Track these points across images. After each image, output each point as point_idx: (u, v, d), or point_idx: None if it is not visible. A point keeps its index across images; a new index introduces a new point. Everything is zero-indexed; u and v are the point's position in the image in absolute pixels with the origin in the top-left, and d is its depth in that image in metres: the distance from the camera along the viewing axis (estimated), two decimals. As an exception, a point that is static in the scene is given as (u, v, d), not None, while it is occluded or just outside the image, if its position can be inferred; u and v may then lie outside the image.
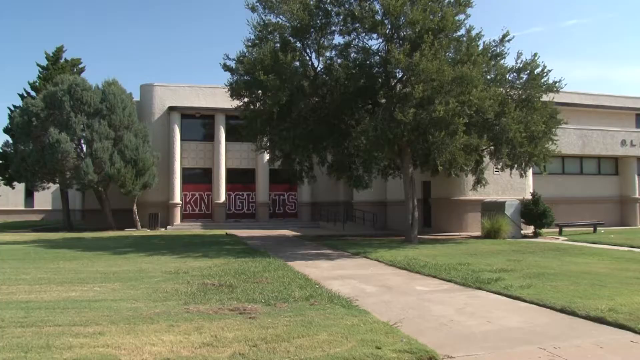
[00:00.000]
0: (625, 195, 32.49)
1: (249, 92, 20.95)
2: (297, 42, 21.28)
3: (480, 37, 20.94)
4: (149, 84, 35.98)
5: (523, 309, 8.41)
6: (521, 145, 20.16)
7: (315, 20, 20.79)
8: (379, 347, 6.01)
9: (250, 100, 21.62)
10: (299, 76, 19.94)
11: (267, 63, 19.23)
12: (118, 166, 29.53)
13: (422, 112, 18.04)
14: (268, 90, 19.32)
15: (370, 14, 19.64)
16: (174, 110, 35.19)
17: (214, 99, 35.32)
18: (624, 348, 6.31)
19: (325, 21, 21.07)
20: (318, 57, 21.93)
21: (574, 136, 30.35)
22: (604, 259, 14.84)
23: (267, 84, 18.81)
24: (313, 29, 20.90)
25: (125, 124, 31.36)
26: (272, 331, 6.70)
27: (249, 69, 19.86)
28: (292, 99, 20.11)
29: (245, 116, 22.46)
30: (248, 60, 20.04)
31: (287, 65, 19.29)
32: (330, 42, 21.98)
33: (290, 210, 38.79)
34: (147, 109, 35.53)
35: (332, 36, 21.80)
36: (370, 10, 19.80)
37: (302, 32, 20.67)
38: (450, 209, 27.00)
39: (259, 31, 21.14)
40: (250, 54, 20.66)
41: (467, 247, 19.00)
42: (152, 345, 6.13)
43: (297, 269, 13.01)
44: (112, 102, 30.99)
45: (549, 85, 21.70)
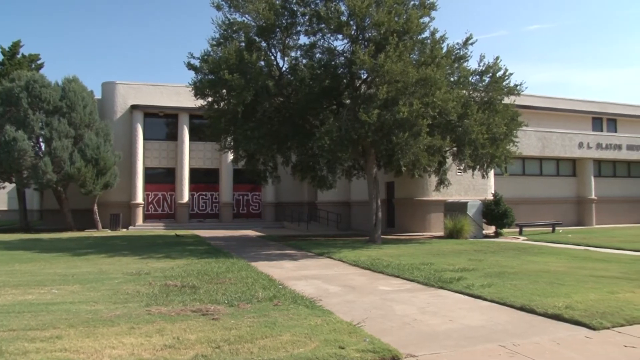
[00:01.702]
0: (583, 196, 33.32)
1: (213, 91, 20.78)
2: (262, 41, 21.20)
3: (444, 39, 21.20)
4: (111, 82, 35.37)
5: (484, 307, 8.53)
6: (483, 147, 20.45)
7: (280, 20, 20.75)
8: (342, 347, 6.01)
9: (214, 99, 21.46)
10: (264, 76, 19.85)
11: (232, 62, 19.11)
12: (78, 165, 28.95)
13: (386, 113, 18.16)
14: (233, 89, 19.19)
15: (335, 15, 19.67)
16: (136, 108, 34.70)
17: (178, 98, 34.93)
18: (579, 343, 6.46)
19: (290, 21, 21.04)
20: (283, 57, 21.92)
21: (534, 138, 30.95)
22: (562, 258, 15.16)
23: (231, 83, 18.69)
24: (279, 28, 20.85)
25: (86, 122, 30.77)
26: (235, 332, 6.65)
27: (213, 68, 19.71)
28: (256, 99, 20.02)
29: (210, 116, 22.29)
30: (213, 59, 19.90)
31: (252, 65, 19.21)
32: (295, 42, 22.01)
33: (254, 210, 38.64)
34: (109, 108, 34.93)
35: (297, 36, 21.83)
36: (336, 11, 19.84)
37: (267, 31, 20.60)
38: (414, 209, 27.24)
39: (224, 30, 21.00)
40: (215, 53, 20.52)
41: (430, 247, 19.19)
42: (112, 348, 6.01)
43: (261, 270, 12.95)
44: (73, 99, 30.35)
45: (510, 88, 22.06)
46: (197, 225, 34.61)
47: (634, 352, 6.12)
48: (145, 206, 35.16)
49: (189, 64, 20.91)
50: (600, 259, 15.00)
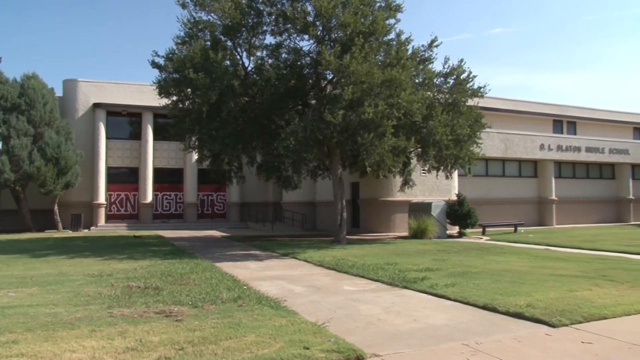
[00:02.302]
0: (544, 197, 34.02)
1: (178, 90, 20.58)
2: (228, 40, 21.07)
3: (409, 41, 21.38)
4: (73, 79, 34.69)
5: (448, 307, 8.62)
6: (447, 148, 20.67)
7: (246, 19, 20.65)
8: (307, 348, 6.01)
9: (179, 98, 21.25)
10: (229, 75, 19.72)
11: (197, 61, 18.95)
12: (38, 164, 28.32)
13: (352, 114, 18.22)
14: (198, 88, 19.03)
15: (302, 15, 19.67)
16: (99, 107, 34.10)
17: (142, 97, 34.45)
18: (539, 341, 6.59)
19: (257, 21, 20.96)
20: (249, 56, 21.81)
21: (497, 140, 31.46)
22: (524, 258, 15.42)
23: (196, 82, 18.53)
24: (244, 28, 20.74)
25: (47, 120, 30.14)
26: (199, 333, 6.59)
27: (178, 67, 19.51)
28: (222, 98, 19.89)
29: (174, 115, 22.06)
30: (177, 57, 19.69)
31: (217, 64, 19.08)
32: (261, 42, 21.93)
33: (219, 210, 38.39)
34: (70, 106, 34.24)
35: (263, 36, 21.76)
36: (302, 11, 19.84)
37: (233, 30, 20.48)
38: (379, 209, 27.40)
39: (190, 28, 20.80)
40: (180, 51, 20.32)
41: (394, 247, 19.32)
42: (72, 352, 5.88)
43: (225, 270, 12.87)
44: (32, 96, 29.69)
45: (474, 90, 22.36)
46: (161, 225, 34.22)
47: (590, 347, 6.27)
48: (107, 206, 34.59)
49: (153, 62, 20.66)
50: (560, 258, 15.31)
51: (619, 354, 6.05)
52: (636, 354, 6.07)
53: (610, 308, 8.11)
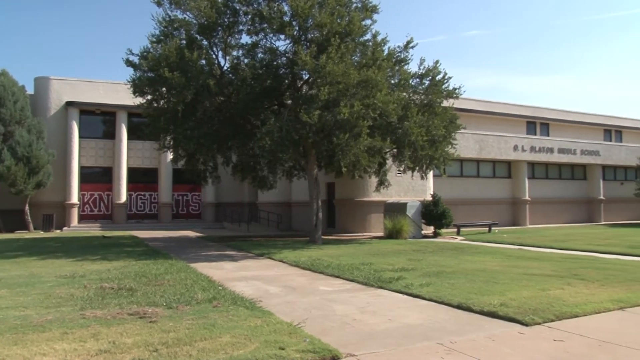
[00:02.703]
0: (517, 197, 34.44)
1: (152, 89, 20.38)
2: (203, 39, 20.94)
3: (385, 42, 21.47)
4: (45, 77, 34.08)
5: (423, 306, 8.67)
6: (422, 149, 20.79)
7: (222, 18, 20.55)
8: (282, 348, 6.00)
9: (154, 97, 21.05)
10: (205, 75, 19.60)
11: (173, 60, 18.79)
12: (8, 164, 27.84)
13: (328, 114, 18.23)
14: (173, 88, 18.88)
15: (278, 15, 19.64)
16: (72, 105, 33.62)
17: (116, 96, 34.01)
18: (513, 339, 6.68)
19: (233, 20, 20.87)
20: (225, 56, 21.71)
21: (471, 141, 31.75)
22: (497, 257, 15.60)
23: (172, 81, 18.38)
24: (220, 27, 20.64)
25: (17, 118, 29.64)
26: (173, 335, 6.53)
27: (153, 66, 19.33)
28: (197, 98, 19.75)
29: (149, 114, 21.84)
30: (152, 56, 19.50)
31: (192, 63, 18.94)
32: (237, 42, 21.84)
33: (194, 211, 38.15)
34: (42, 104, 33.65)
35: (239, 35, 21.67)
36: (279, 11, 19.80)
37: (209, 29, 20.36)
38: (354, 209, 27.47)
39: (165, 27, 20.62)
40: (155, 50, 20.12)
41: (369, 247, 19.38)
42: (42, 355, 5.78)
43: (200, 271, 12.79)
44: (2, 94, 29.18)
45: (449, 91, 22.53)
46: (135, 225, 33.88)
47: (562, 345, 6.37)
48: (80, 206, 34.12)
49: (127, 61, 20.41)
50: (533, 257, 15.51)
51: (589, 351, 6.15)
52: (606, 350, 6.18)
53: (581, 306, 8.24)
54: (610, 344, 6.41)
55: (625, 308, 8.36)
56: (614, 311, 8.19)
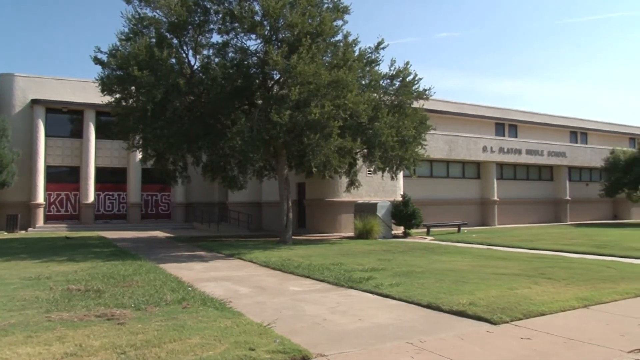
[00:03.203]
0: (486, 198, 34.88)
1: (121, 87, 20.12)
2: (174, 38, 20.75)
3: (356, 43, 21.55)
4: (9, 73, 33.36)
5: (393, 306, 8.72)
6: (393, 149, 20.92)
7: (193, 17, 20.38)
8: (252, 349, 5.97)
9: (122, 96, 20.77)
10: (174, 74, 19.43)
11: (142, 58, 18.59)
12: (-30, 162, 27.18)
13: (298, 115, 18.23)
14: (142, 86, 18.68)
15: (249, 15, 19.56)
16: (37, 103, 32.97)
17: (84, 94, 33.44)
18: (481, 338, 6.75)
19: (203, 19, 20.72)
20: (195, 55, 21.55)
21: (441, 142, 32.05)
22: (467, 257, 15.76)
23: (141, 80, 18.19)
24: (191, 26, 20.48)
25: (-21, 116, 28.94)
26: (142, 337, 6.45)
27: (122, 64, 19.09)
28: (167, 97, 19.56)
29: (117, 113, 21.55)
30: (121, 54, 19.25)
31: (162, 62, 18.77)
32: (208, 41, 21.68)
33: (164, 211, 37.78)
34: (6, 101, 32.93)
35: (210, 34, 21.52)
36: (250, 10, 19.73)
37: (179, 28, 20.18)
38: (325, 210, 27.50)
39: (134, 25, 20.37)
40: (124, 48, 19.85)
41: (340, 247, 19.42)
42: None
43: (170, 272, 12.67)
44: (-35, 92, 28.46)
45: (419, 92, 22.71)
46: (103, 226, 33.41)
47: (529, 343, 6.46)
48: (46, 206, 33.49)
49: (95, 58, 20.08)
50: (501, 257, 15.70)
51: (555, 349, 6.25)
52: (571, 347, 6.29)
53: (547, 305, 8.37)
54: (575, 341, 6.53)
55: (589, 306, 8.53)
56: (579, 309, 8.34)
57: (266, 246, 19.79)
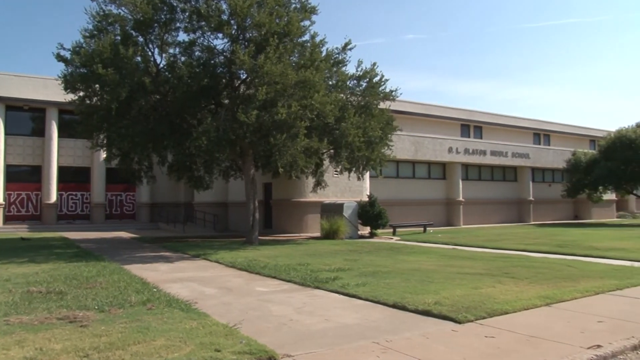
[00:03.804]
0: (451, 198, 35.26)
1: (85, 85, 19.74)
2: (139, 36, 20.47)
3: (323, 43, 21.56)
4: (-33, 70, 32.48)
5: (359, 306, 8.75)
6: (359, 150, 21.01)
7: (159, 14, 20.13)
8: (218, 350, 5.93)
9: (86, 94, 20.37)
10: (140, 72, 19.18)
11: (107, 56, 18.29)
12: None
13: (265, 115, 18.18)
14: (106, 84, 18.39)
15: (216, 13, 19.42)
16: (-3, 100, 32.16)
17: (46, 91, 32.73)
18: (446, 336, 6.83)
19: (170, 17, 20.48)
20: (161, 53, 21.29)
21: (407, 142, 32.29)
22: (432, 257, 15.90)
23: (105, 78, 17.90)
24: (157, 23, 20.23)
25: (-63, 114, 28.08)
26: (105, 339, 6.34)
27: (86, 61, 18.74)
28: (132, 95, 19.30)
29: (81, 111, 21.17)
30: (85, 51, 18.90)
31: (127, 60, 18.51)
32: (174, 39, 21.45)
33: (128, 211, 37.27)
34: (-36, 99, 32.04)
35: (176, 33, 21.27)
36: (217, 9, 19.59)
37: (145, 26, 19.91)
38: (291, 210, 27.47)
39: (98, 21, 20.03)
40: (88, 45, 19.50)
41: (306, 247, 19.42)
42: (-40, 365, 5.50)
43: (134, 273, 12.50)
44: None
45: (386, 93, 22.85)
46: (66, 226, 32.78)
47: (493, 341, 6.56)
48: (6, 207, 32.70)
49: (58, 55, 19.67)
50: (466, 257, 15.90)
51: (518, 346, 6.36)
52: (533, 345, 6.41)
53: (511, 303, 8.51)
54: (537, 338, 6.65)
55: (551, 304, 8.69)
56: (541, 307, 8.50)
57: (232, 247, 19.68)
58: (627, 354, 6.32)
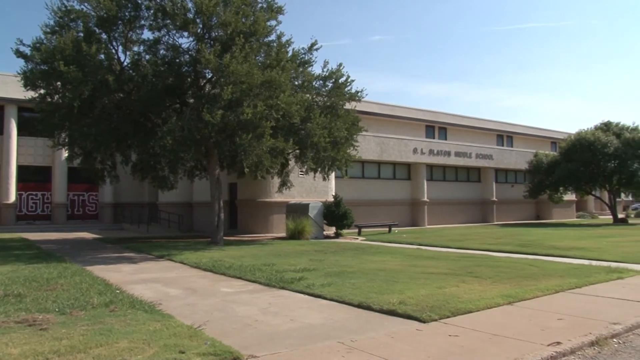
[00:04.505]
0: (416, 198, 35.58)
1: (46, 83, 19.30)
2: (102, 33, 20.11)
3: (290, 43, 21.55)
4: None
5: (324, 306, 8.76)
6: (325, 150, 21.04)
7: (123, 11, 19.83)
8: (182, 352, 5.87)
9: (47, 92, 19.93)
10: (103, 70, 18.86)
11: (69, 53, 17.92)
12: None
13: (231, 114, 18.07)
14: (69, 82, 18.04)
15: (182, 12, 19.22)
16: (-48, 97, 31.23)
17: (5, 88, 31.87)
18: (411, 336, 6.89)
19: (134, 14, 20.19)
20: (125, 51, 20.97)
21: (373, 143, 32.47)
22: (397, 257, 16.01)
23: (67, 75, 17.54)
24: (121, 21, 19.92)
25: None
26: (66, 342, 6.20)
27: (47, 58, 18.34)
28: (95, 94, 18.98)
29: (42, 109, 20.67)
30: (46, 48, 18.50)
31: (90, 57, 18.17)
32: (139, 37, 21.18)
33: (91, 211, 36.64)
34: None
35: (141, 30, 21.00)
36: (183, 7, 19.38)
37: (108, 23, 19.57)
38: (257, 210, 27.37)
39: (60, 17, 19.63)
40: (50, 41, 19.09)
41: (272, 248, 19.37)
42: None
43: (97, 274, 12.29)
44: None
45: (351, 94, 22.93)
46: (26, 227, 31.99)
47: (457, 340, 6.64)
48: (-37, 206, 31.84)
49: (17, 51, 19.17)
50: (430, 257, 16.04)
51: (481, 344, 6.45)
52: (496, 343, 6.51)
53: (474, 302, 8.62)
54: (500, 337, 6.76)
55: (513, 303, 8.84)
56: (504, 306, 8.64)
57: (197, 247, 19.52)
58: (585, 349, 6.49)
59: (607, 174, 37.81)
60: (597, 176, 38.20)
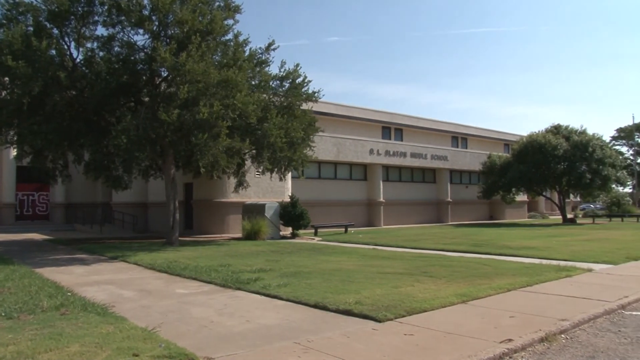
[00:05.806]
0: (372, 199, 35.85)
1: (-7, 78, 18.75)
2: (54, 28, 19.62)
3: (247, 43, 21.45)
4: None
5: (280, 306, 8.74)
6: (281, 150, 20.99)
7: (76, 6, 19.35)
8: (136, 355, 5.76)
9: (-6, 88, 19.36)
10: (54, 66, 18.40)
11: (17, 48, 17.40)
12: None
13: (187, 113, 17.87)
14: (17, 78, 17.55)
15: (137, 8, 18.90)
16: None
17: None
18: (367, 335, 6.92)
19: (87, 9, 19.73)
20: (78, 47, 20.49)
21: (329, 144, 32.56)
22: (353, 257, 16.08)
23: (16, 71, 17.04)
24: (73, 16, 19.47)
25: None
26: (13, 348, 6.00)
27: (-7, 52, 17.78)
28: (46, 90, 18.48)
29: (-12, 106, 20.05)
30: (-7, 42, 17.94)
31: (41, 53, 17.70)
32: (92, 33, 20.69)
33: (41, 211, 35.70)
34: None
35: (95, 26, 20.54)
36: (138, 4, 19.06)
37: (60, 17, 19.09)
38: (212, 210, 27.14)
39: (8, 10, 19.07)
40: (-4, 35, 18.53)
41: (228, 248, 19.23)
42: None
43: (47, 276, 11.97)
44: None
45: (308, 94, 22.93)
46: (-29, 227, 31.02)
47: (412, 338, 6.70)
48: None
49: (-38, 45, 18.57)
50: (386, 257, 16.16)
51: (435, 343, 6.53)
52: (450, 341, 6.60)
53: (429, 302, 8.72)
54: (454, 335, 6.86)
55: (467, 301, 8.97)
56: (458, 304, 8.76)
57: (152, 248, 19.22)
58: (535, 346, 6.65)
59: (557, 175, 38.80)
60: (548, 177, 39.17)
